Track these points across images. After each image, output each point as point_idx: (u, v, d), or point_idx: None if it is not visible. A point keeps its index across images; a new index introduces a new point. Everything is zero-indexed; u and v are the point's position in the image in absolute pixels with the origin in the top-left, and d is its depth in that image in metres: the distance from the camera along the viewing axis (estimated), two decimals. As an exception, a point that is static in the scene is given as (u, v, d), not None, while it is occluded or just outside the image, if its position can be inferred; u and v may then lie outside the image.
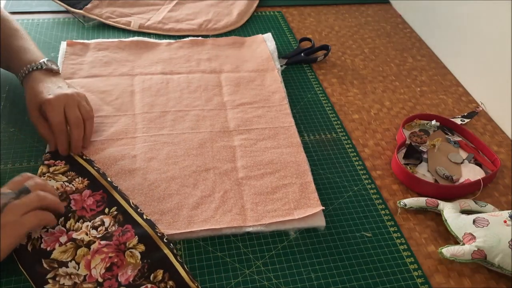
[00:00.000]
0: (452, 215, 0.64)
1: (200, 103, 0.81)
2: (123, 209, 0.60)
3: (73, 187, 0.63)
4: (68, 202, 0.61)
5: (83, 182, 0.64)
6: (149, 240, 0.57)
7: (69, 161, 0.66)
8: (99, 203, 0.61)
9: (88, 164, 0.66)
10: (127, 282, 0.53)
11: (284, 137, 0.76)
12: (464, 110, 0.88)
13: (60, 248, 0.55)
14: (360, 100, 0.88)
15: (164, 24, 1.00)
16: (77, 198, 0.62)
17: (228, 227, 0.61)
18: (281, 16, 1.10)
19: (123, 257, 0.55)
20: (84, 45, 0.91)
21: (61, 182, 0.63)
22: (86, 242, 0.56)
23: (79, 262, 0.54)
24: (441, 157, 0.75)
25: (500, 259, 0.58)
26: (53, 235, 0.57)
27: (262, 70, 0.90)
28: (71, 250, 0.55)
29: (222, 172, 0.69)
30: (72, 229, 0.58)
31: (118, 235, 0.57)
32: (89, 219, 0.59)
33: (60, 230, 0.57)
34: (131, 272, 0.54)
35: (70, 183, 0.63)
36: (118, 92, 0.81)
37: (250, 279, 0.57)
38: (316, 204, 0.65)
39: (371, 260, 0.60)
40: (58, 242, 0.56)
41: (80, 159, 0.67)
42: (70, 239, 0.56)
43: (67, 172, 0.65)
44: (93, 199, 0.61)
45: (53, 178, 0.64)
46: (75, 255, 0.55)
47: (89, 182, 0.64)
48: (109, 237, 0.57)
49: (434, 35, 1.04)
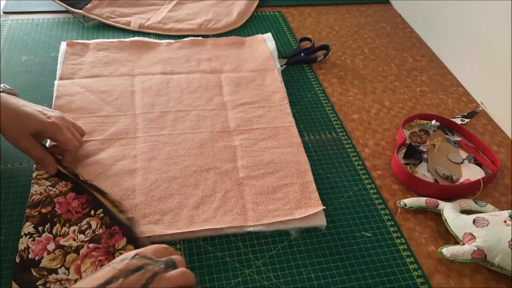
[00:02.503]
0: (452, 215, 0.64)
1: (200, 103, 0.81)
2: (108, 210, 0.59)
3: (56, 190, 0.62)
4: (52, 206, 0.60)
5: (67, 185, 0.62)
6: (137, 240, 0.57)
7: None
8: (84, 206, 0.60)
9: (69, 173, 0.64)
10: None
11: (285, 137, 0.76)
12: (464, 110, 0.88)
13: (49, 256, 0.54)
14: (360, 100, 0.88)
15: (164, 24, 1.00)
16: (62, 201, 0.61)
17: (229, 227, 0.62)
18: (281, 16, 1.10)
19: (113, 259, 0.54)
20: (84, 45, 0.91)
21: (44, 186, 0.62)
22: (74, 247, 0.56)
23: (68, 268, 0.54)
24: (441, 157, 0.75)
25: (500, 259, 0.58)
26: (40, 244, 0.55)
27: (262, 70, 0.90)
28: (60, 257, 0.55)
29: (223, 172, 0.69)
30: (59, 234, 0.57)
31: (107, 238, 0.57)
32: (75, 223, 0.58)
33: (47, 237, 0.56)
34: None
35: (53, 187, 0.62)
36: (119, 92, 0.81)
37: (250, 279, 0.57)
38: (317, 204, 0.65)
39: (371, 260, 0.61)
40: (46, 251, 0.55)
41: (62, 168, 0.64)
42: (58, 246, 0.55)
43: (50, 178, 0.63)
44: (78, 202, 0.61)
45: (36, 183, 0.62)
46: (64, 261, 0.54)
47: (73, 185, 0.62)
48: (97, 239, 0.57)
49: (434, 35, 1.04)
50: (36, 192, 0.61)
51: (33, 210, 0.59)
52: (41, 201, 0.60)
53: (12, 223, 0.60)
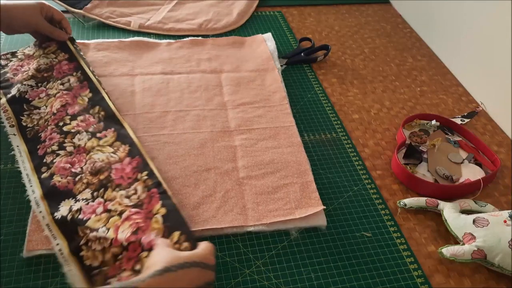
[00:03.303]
0: (452, 215, 0.64)
1: (200, 103, 0.81)
2: (152, 173, 0.64)
3: (116, 157, 0.66)
4: (109, 172, 0.64)
5: (125, 150, 0.67)
6: (171, 204, 0.59)
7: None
8: (134, 170, 0.64)
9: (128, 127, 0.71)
10: (150, 246, 0.54)
11: (285, 136, 0.76)
12: (464, 110, 0.88)
13: (95, 218, 0.58)
14: (360, 100, 0.88)
15: (164, 24, 1.00)
16: (118, 167, 0.64)
17: (230, 226, 0.62)
18: (281, 16, 1.10)
19: (149, 223, 0.57)
20: (84, 45, 0.91)
21: (107, 153, 0.66)
22: (118, 211, 0.59)
23: (109, 228, 0.57)
24: (441, 157, 0.75)
25: (500, 259, 0.58)
26: (91, 208, 0.59)
27: (262, 70, 0.90)
28: (104, 219, 0.58)
29: (223, 172, 0.69)
30: (108, 199, 0.61)
31: (148, 203, 0.60)
32: (124, 188, 0.62)
33: (99, 201, 0.60)
34: (155, 237, 0.55)
35: (115, 154, 0.66)
36: (119, 92, 0.81)
37: (250, 279, 0.57)
38: (317, 204, 0.65)
39: (371, 260, 0.61)
40: (94, 213, 0.59)
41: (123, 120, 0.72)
42: (105, 210, 0.59)
43: (113, 143, 0.68)
44: (131, 166, 0.65)
45: (100, 151, 0.67)
46: (107, 223, 0.57)
47: (130, 149, 0.67)
48: (140, 205, 0.60)
49: (434, 35, 1.04)
50: (99, 159, 0.65)
51: (94, 177, 0.63)
52: (101, 168, 0.64)
53: (12, 223, 0.60)
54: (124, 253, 0.54)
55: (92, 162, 0.65)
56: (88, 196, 0.61)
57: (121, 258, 0.54)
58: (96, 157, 0.65)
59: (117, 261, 0.54)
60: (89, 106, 0.74)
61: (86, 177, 0.63)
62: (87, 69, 0.80)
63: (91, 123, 0.71)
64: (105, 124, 0.71)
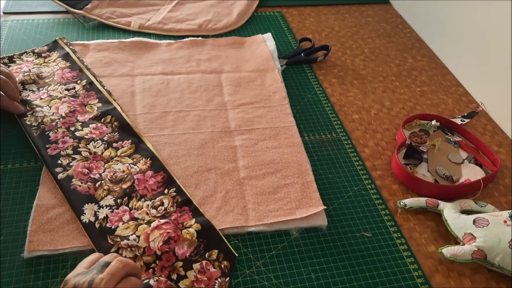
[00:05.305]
0: (452, 215, 0.64)
1: (200, 103, 0.81)
2: (180, 190, 0.64)
3: (137, 168, 0.67)
4: (132, 182, 0.65)
5: (146, 163, 0.68)
6: (205, 221, 0.61)
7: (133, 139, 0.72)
8: (159, 184, 0.65)
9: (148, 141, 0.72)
10: (184, 256, 0.56)
11: (285, 137, 0.76)
12: (464, 110, 0.88)
13: (123, 226, 0.59)
14: (360, 100, 0.88)
15: (164, 24, 1.00)
16: (141, 178, 0.65)
17: (230, 227, 0.62)
18: (281, 16, 1.10)
19: (180, 233, 0.58)
20: (84, 46, 0.91)
21: (127, 164, 0.67)
22: (146, 220, 0.60)
23: (139, 236, 0.57)
24: (441, 157, 0.75)
25: (500, 259, 0.58)
26: (117, 215, 0.61)
27: (262, 70, 0.90)
28: (133, 227, 0.59)
29: (224, 172, 0.69)
30: (134, 208, 0.62)
31: (177, 216, 0.61)
32: (150, 199, 0.63)
33: (124, 209, 0.61)
34: (188, 248, 0.57)
35: (135, 165, 0.67)
36: (119, 92, 0.81)
37: (250, 279, 0.57)
38: (318, 204, 0.65)
39: (371, 260, 0.61)
40: (121, 221, 0.60)
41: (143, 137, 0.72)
42: (132, 218, 0.60)
43: (132, 155, 0.69)
44: (155, 180, 0.66)
45: (120, 161, 0.68)
46: (136, 230, 0.58)
47: (152, 163, 0.68)
48: (168, 216, 0.61)
49: (434, 35, 1.04)
50: (119, 170, 0.66)
51: (116, 185, 0.64)
52: (123, 178, 0.65)
53: (12, 223, 0.60)
54: (158, 262, 0.55)
55: (112, 171, 0.66)
56: (112, 203, 0.62)
57: (154, 266, 0.55)
58: (116, 167, 0.67)
59: (150, 269, 0.55)
60: (100, 115, 0.74)
61: (107, 184, 0.64)
62: (94, 79, 0.81)
63: (104, 131, 0.71)
64: (120, 135, 0.71)
